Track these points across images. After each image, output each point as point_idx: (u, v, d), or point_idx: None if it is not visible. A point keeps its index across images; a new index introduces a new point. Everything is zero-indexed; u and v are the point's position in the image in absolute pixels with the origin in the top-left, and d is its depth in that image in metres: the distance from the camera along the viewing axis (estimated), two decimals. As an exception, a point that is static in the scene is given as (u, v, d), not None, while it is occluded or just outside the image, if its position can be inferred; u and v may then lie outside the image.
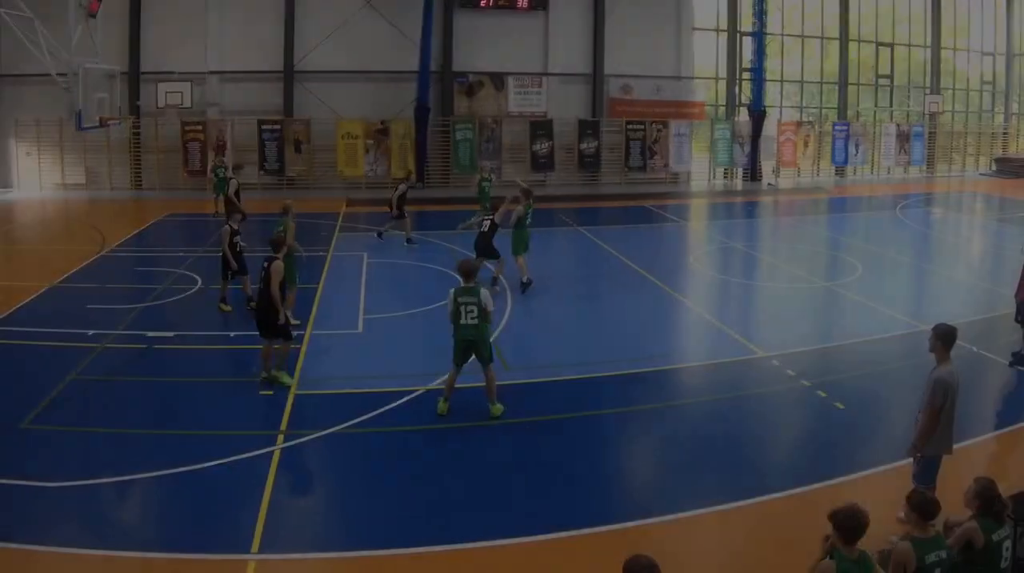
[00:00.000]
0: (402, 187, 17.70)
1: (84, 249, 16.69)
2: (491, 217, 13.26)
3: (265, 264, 9.11)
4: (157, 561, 5.95)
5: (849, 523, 4.22)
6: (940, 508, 4.79)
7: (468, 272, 8.42)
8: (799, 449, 8.00)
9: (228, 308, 12.23)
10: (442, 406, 8.43)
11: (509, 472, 7.36)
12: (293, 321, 10.01)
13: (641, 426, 8.54)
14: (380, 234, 17.68)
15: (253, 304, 10.75)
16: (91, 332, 11.11)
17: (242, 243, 12.09)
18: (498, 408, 8.37)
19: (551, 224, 20.70)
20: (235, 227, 11.93)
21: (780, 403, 9.01)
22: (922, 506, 4.66)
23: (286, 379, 9.28)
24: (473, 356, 8.36)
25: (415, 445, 7.93)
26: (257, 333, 9.34)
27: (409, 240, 17.35)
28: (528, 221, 13.56)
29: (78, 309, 12.45)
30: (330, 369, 9.90)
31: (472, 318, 8.14)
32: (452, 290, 8.32)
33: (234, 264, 11.83)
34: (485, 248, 13.06)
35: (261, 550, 6.02)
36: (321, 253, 16.49)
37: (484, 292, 8.33)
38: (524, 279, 13.28)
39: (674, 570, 4.60)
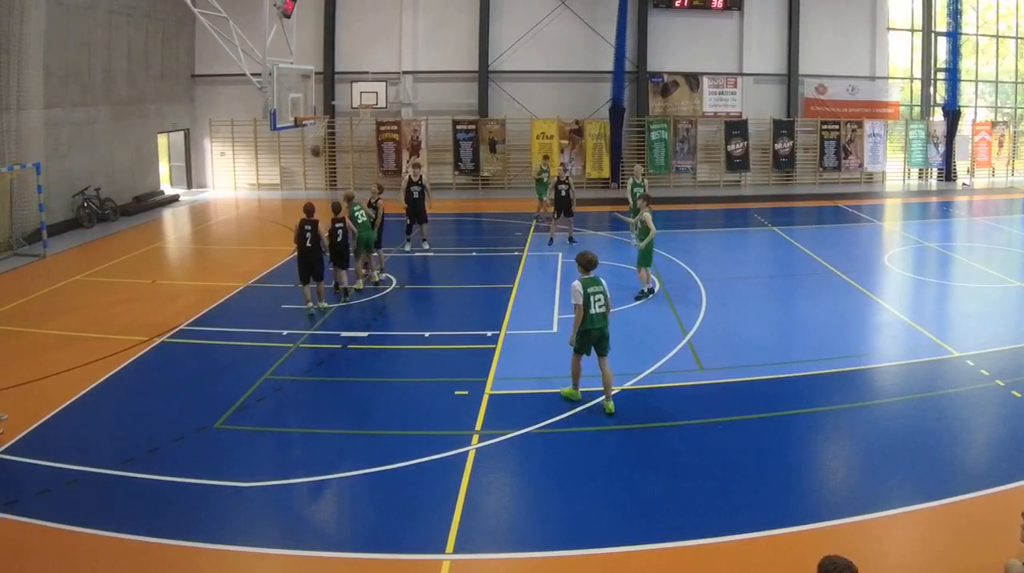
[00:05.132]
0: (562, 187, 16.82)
1: (279, 249, 16.51)
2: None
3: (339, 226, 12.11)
4: (351, 561, 5.92)
5: None
6: None
7: (589, 263, 8.35)
8: (993, 449, 7.74)
9: None
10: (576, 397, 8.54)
11: (702, 473, 7.21)
12: None
13: (834, 426, 8.34)
14: (571, 239, 17.12)
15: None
16: (285, 332, 11.05)
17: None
18: (611, 405, 8.31)
19: (746, 224, 20.52)
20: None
21: (974, 403, 8.70)
22: None
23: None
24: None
25: (608, 445, 7.79)
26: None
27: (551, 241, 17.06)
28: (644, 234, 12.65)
29: (272, 308, 12.40)
30: (525, 369, 9.73)
31: (600, 307, 8.20)
32: (577, 282, 8.22)
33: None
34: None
35: (456, 550, 5.98)
36: (516, 253, 16.25)
37: (604, 283, 8.36)
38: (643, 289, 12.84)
39: (869, 571, 4.60)
